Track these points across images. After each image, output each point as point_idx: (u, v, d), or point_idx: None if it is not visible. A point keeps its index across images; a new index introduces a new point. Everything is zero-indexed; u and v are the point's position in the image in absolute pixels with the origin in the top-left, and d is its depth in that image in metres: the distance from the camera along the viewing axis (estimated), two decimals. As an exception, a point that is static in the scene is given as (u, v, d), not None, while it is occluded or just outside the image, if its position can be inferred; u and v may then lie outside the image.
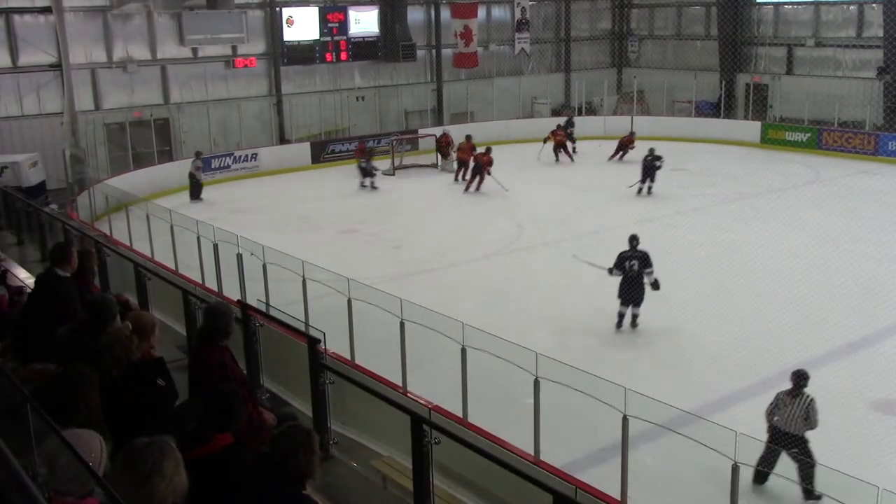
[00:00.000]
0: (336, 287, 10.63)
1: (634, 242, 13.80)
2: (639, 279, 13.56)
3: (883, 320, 13.71)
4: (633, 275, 13.55)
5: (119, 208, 18.22)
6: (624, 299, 13.69)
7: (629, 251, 13.69)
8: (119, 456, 3.37)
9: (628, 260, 13.60)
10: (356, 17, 31.02)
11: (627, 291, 13.63)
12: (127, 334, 5.52)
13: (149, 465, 3.25)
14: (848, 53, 31.40)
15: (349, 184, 26.06)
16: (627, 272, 13.58)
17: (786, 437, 8.62)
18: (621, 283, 13.67)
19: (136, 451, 3.31)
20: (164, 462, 3.29)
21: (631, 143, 28.25)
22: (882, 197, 22.59)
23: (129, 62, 26.52)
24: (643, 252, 13.64)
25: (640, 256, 13.59)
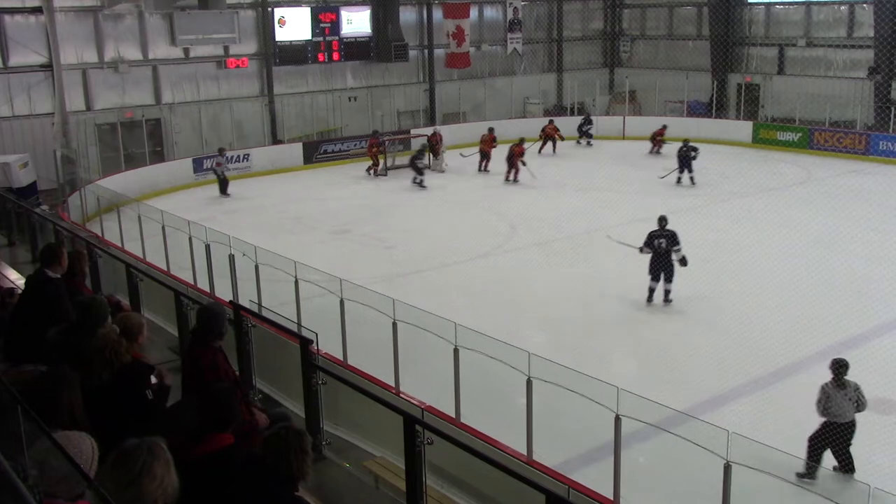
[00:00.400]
0: (328, 288, 10.61)
1: (663, 222, 14.92)
2: (666, 256, 14.57)
3: (874, 319, 13.75)
4: (661, 252, 14.60)
5: (110, 209, 18.18)
6: (654, 275, 14.76)
7: (658, 230, 14.80)
8: (109, 457, 3.35)
9: (657, 238, 14.68)
10: (348, 18, 30.99)
11: (656, 267, 14.73)
12: (115, 337, 5.50)
13: (138, 465, 3.24)
14: (839, 53, 31.50)
15: (342, 184, 26.05)
16: (656, 249, 14.61)
17: (841, 427, 8.71)
18: (651, 259, 14.71)
19: (125, 452, 3.29)
20: (153, 463, 3.27)
21: (661, 135, 29.18)
22: (873, 196, 22.66)
23: (120, 62, 26.45)
24: (671, 231, 14.76)
25: (667, 235, 14.72)
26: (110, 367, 5.28)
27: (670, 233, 14.76)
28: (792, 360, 12.32)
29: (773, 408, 11.01)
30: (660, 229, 14.84)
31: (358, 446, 8.28)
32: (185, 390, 6.49)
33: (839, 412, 8.79)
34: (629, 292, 15.58)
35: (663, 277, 14.73)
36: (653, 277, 14.77)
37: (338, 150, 29.74)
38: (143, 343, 5.99)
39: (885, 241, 17.97)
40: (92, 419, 4.85)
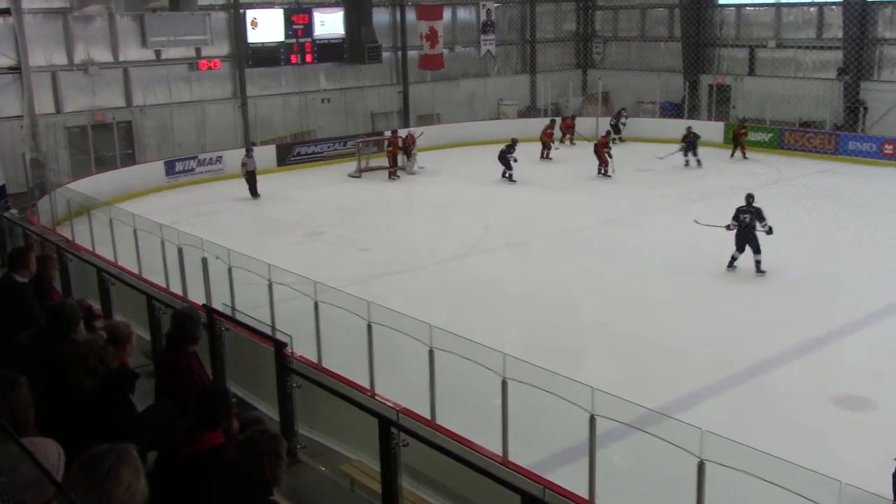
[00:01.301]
0: (303, 290, 10.56)
1: (750, 199, 16.27)
2: (750, 230, 15.93)
3: (844, 317, 13.94)
4: (745, 226, 15.97)
5: (81, 212, 17.98)
6: (739, 247, 16.12)
7: (745, 206, 16.10)
8: (76, 461, 3.31)
9: (742, 213, 16.02)
10: (321, 19, 30.88)
11: (741, 240, 16.10)
12: (102, 344, 5.44)
13: (104, 469, 3.19)
14: (808, 55, 31.84)
15: (316, 186, 25.96)
16: (741, 224, 15.98)
17: None
18: (736, 233, 16.09)
19: (92, 456, 3.25)
20: (121, 468, 3.22)
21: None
22: (842, 195, 22.94)
23: (90, 65, 26.18)
24: (756, 208, 16.07)
25: (753, 211, 16.02)
26: (94, 375, 5.22)
27: (756, 209, 16.01)
28: (763, 359, 12.45)
29: (745, 405, 11.12)
30: (746, 206, 16.09)
31: (333, 449, 8.24)
32: (159, 394, 6.44)
33: None
34: (602, 292, 15.67)
35: (750, 250, 16.00)
36: (738, 248, 16.11)
37: (311, 151, 29.63)
38: (130, 352, 5.93)
39: (854, 239, 18.20)
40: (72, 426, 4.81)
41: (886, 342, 12.88)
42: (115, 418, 4.93)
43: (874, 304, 14.44)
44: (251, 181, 24.29)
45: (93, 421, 4.83)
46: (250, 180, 24.27)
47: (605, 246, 18.60)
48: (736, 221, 16.07)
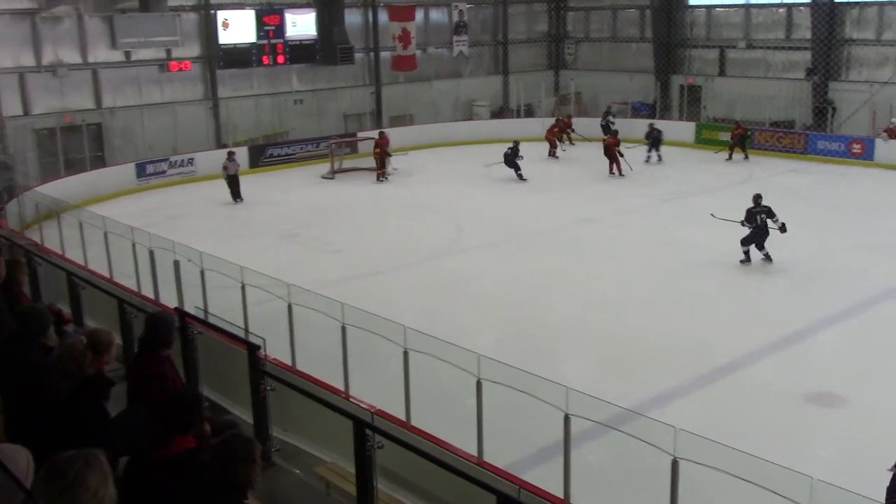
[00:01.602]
0: (276, 292, 10.50)
1: (759, 199, 16.81)
2: (765, 227, 16.51)
3: (814, 315, 14.09)
4: (762, 224, 16.53)
5: (50, 216, 17.78)
6: (756, 243, 16.69)
7: (756, 207, 16.60)
8: (43, 467, 3.27)
9: (757, 213, 16.55)
10: (293, 20, 30.73)
11: (758, 238, 16.63)
12: (80, 349, 5.40)
13: (71, 475, 3.16)
14: (778, 55, 32.17)
15: (289, 188, 25.85)
16: (757, 223, 16.53)
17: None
18: (752, 231, 16.59)
19: (59, 462, 3.21)
20: (88, 473, 3.19)
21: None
22: (811, 194, 23.21)
23: (59, 66, 25.88)
24: (767, 206, 16.63)
25: (765, 210, 16.61)
26: (70, 379, 5.17)
27: (767, 208, 16.58)
28: (735, 357, 12.55)
29: (718, 403, 11.21)
30: (757, 206, 16.59)
31: (308, 452, 8.21)
32: (131, 399, 6.39)
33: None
34: (576, 292, 15.74)
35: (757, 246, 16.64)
36: (757, 246, 16.67)
37: (284, 153, 29.50)
38: (109, 361, 5.86)
39: (824, 238, 18.42)
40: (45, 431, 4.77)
41: (857, 339, 13.05)
42: (88, 424, 4.89)
43: (845, 302, 14.61)
44: (233, 185, 23.95)
45: (66, 427, 4.80)
46: (232, 184, 23.94)
47: (578, 245, 18.69)
48: (751, 222, 16.54)
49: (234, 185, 23.94)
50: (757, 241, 16.62)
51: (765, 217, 16.52)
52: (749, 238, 16.63)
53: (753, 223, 16.53)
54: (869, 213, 20.88)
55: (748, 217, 16.58)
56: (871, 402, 10.88)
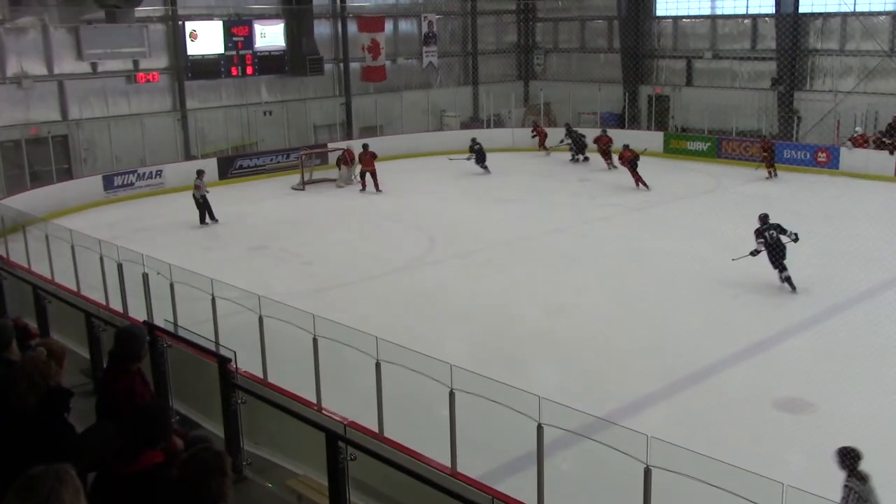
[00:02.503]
0: (246, 304, 10.43)
1: (767, 218, 16.24)
2: (780, 244, 15.82)
3: (781, 322, 14.24)
4: (774, 241, 15.86)
5: (16, 229, 17.53)
6: (779, 266, 15.82)
7: (764, 226, 16.06)
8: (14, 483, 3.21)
9: (767, 231, 15.96)
10: (262, 31, 30.63)
11: (777, 257, 15.86)
12: (44, 359, 5.33)
13: (45, 491, 3.11)
14: (744, 65, 32.58)
15: (258, 199, 25.72)
16: (769, 241, 15.89)
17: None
18: (768, 253, 15.87)
19: (31, 478, 3.16)
20: (61, 489, 3.15)
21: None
22: (778, 203, 23.44)
23: (23, 78, 25.58)
24: (776, 223, 16.04)
25: (774, 226, 16.00)
26: (37, 391, 5.10)
27: (775, 224, 16.01)
28: (706, 364, 12.64)
29: (689, 411, 11.27)
30: (765, 225, 16.05)
31: (280, 465, 8.15)
32: (100, 415, 6.30)
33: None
34: (547, 302, 15.78)
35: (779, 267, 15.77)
36: (779, 268, 15.79)
37: (253, 165, 29.37)
38: (64, 369, 5.81)
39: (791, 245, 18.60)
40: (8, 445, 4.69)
41: (825, 346, 13.19)
42: (51, 438, 4.82)
43: (812, 309, 14.78)
44: (206, 206, 22.57)
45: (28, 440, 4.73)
46: (205, 205, 22.58)
47: (549, 255, 18.75)
48: (764, 243, 15.94)
49: (207, 207, 22.68)
50: (776, 261, 15.80)
51: (775, 234, 15.90)
52: (773, 259, 15.84)
53: (763, 241, 15.95)
54: (834, 220, 21.16)
55: (759, 239, 16.03)
56: (840, 407, 10.98)
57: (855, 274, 16.01)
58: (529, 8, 39.57)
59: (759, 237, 16.04)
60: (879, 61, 28.66)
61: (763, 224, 16.18)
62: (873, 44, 28.67)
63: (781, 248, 15.85)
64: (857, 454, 7.35)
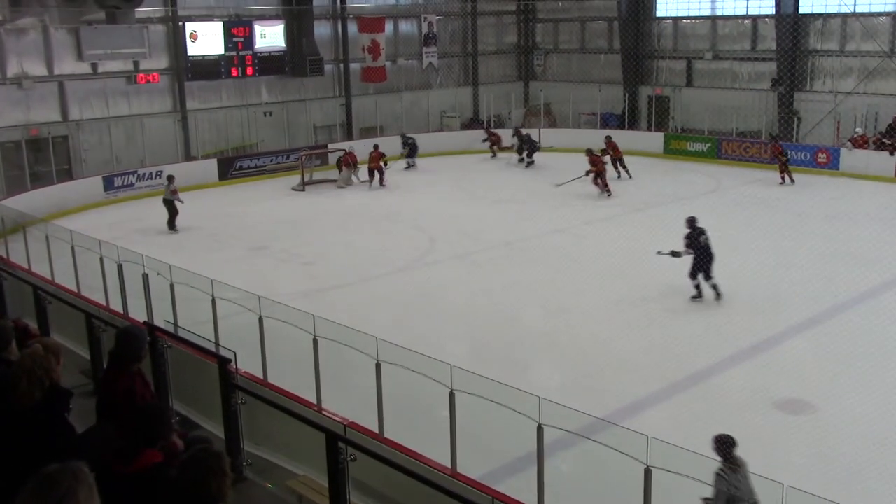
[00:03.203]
0: (247, 305, 10.43)
1: (695, 221, 15.55)
2: (709, 250, 15.24)
3: (782, 323, 14.21)
4: (705, 246, 15.26)
5: (16, 230, 17.54)
6: (705, 272, 15.27)
7: (696, 231, 15.40)
8: (29, 482, 3.23)
9: (700, 236, 15.32)
10: (262, 32, 30.63)
11: (706, 264, 15.26)
12: (43, 354, 5.33)
13: (62, 490, 3.13)
14: (744, 66, 32.58)
15: (258, 200, 25.73)
16: (702, 246, 15.24)
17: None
18: (700, 258, 15.26)
19: (48, 477, 3.18)
20: (78, 488, 3.17)
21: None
22: (778, 203, 23.48)
23: (24, 78, 25.58)
24: (702, 227, 15.48)
25: (705, 230, 15.43)
26: (41, 387, 5.09)
27: (704, 229, 15.48)
28: (706, 365, 12.64)
29: (689, 411, 11.26)
30: (696, 230, 15.46)
31: (280, 466, 8.15)
32: (100, 415, 6.30)
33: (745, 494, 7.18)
34: (547, 302, 15.78)
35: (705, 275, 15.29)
36: (705, 276, 15.31)
37: (253, 165, 29.37)
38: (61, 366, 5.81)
39: (791, 246, 18.62)
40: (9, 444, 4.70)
41: (825, 346, 13.17)
42: (52, 438, 4.82)
43: (813, 310, 14.76)
44: (174, 211, 22.25)
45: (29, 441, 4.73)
46: (172, 210, 22.11)
47: (549, 255, 18.74)
48: (693, 248, 15.34)
49: (176, 212, 22.13)
50: (705, 269, 15.31)
51: (707, 239, 15.36)
52: (698, 266, 15.38)
53: (696, 248, 15.31)
54: (835, 221, 21.17)
55: (690, 244, 15.39)
56: (840, 408, 10.99)
57: (855, 274, 16.02)
58: (529, 9, 39.56)
59: (689, 243, 15.40)
60: (879, 62, 28.67)
61: (692, 228, 15.55)
62: (873, 44, 28.69)
63: (711, 255, 15.34)
64: (731, 441, 7.45)
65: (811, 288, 15.71)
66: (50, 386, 5.18)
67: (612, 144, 27.39)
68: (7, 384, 5.11)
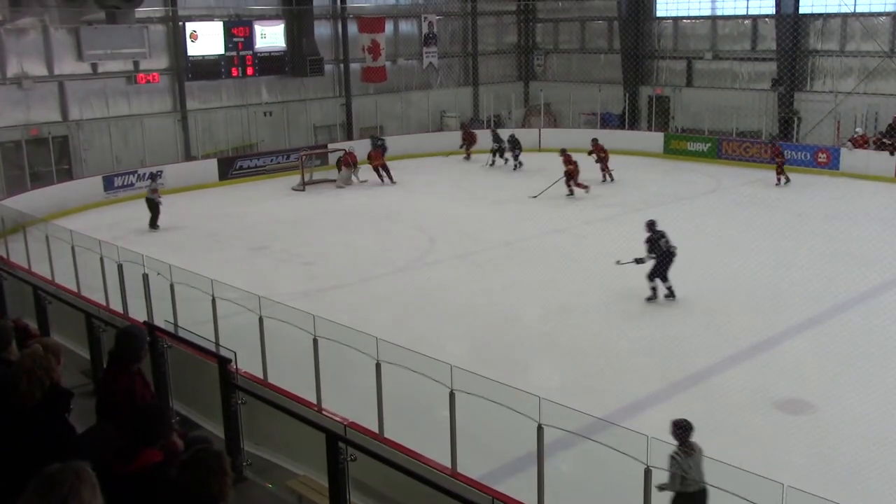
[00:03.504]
0: (247, 305, 10.43)
1: (654, 224, 15.48)
2: (669, 252, 15.15)
3: (782, 323, 14.21)
4: (666, 250, 15.16)
5: (16, 230, 17.54)
6: (662, 274, 15.21)
7: (656, 234, 15.31)
8: (32, 482, 3.23)
9: (661, 239, 15.23)
10: (262, 32, 30.62)
11: (665, 267, 15.20)
12: (43, 354, 5.33)
13: (65, 489, 3.13)
14: (744, 66, 32.58)
15: (258, 200, 25.73)
16: (664, 250, 15.16)
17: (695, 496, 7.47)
18: (661, 261, 15.18)
19: (51, 476, 3.18)
20: (81, 487, 3.17)
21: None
22: (778, 203, 23.47)
23: (24, 78, 25.58)
24: (662, 230, 15.42)
25: (665, 233, 15.37)
26: (41, 386, 5.09)
27: (663, 231, 15.43)
28: (706, 365, 12.64)
29: (689, 411, 11.23)
30: (656, 233, 15.39)
31: (280, 466, 8.15)
32: (100, 415, 6.31)
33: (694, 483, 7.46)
34: (547, 302, 15.78)
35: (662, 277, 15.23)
36: (662, 278, 15.29)
37: (254, 165, 29.37)
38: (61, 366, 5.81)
39: (792, 246, 18.62)
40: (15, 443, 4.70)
41: (825, 346, 13.17)
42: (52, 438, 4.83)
43: (813, 310, 14.75)
44: (156, 211, 22.34)
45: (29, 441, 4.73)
46: (155, 209, 22.40)
47: (549, 255, 18.73)
48: (655, 252, 15.23)
49: (157, 212, 22.39)
50: (663, 272, 15.25)
51: (667, 241, 15.26)
52: (657, 270, 15.27)
53: (657, 251, 15.21)
54: (835, 221, 21.17)
55: (651, 248, 15.29)
56: (840, 408, 10.99)
57: (855, 274, 16.02)
58: (529, 9, 39.55)
59: (651, 247, 15.29)
60: (879, 62, 28.67)
61: (652, 231, 15.45)
62: (873, 44, 28.68)
63: (672, 258, 15.25)
64: (688, 426, 7.73)
65: (811, 288, 15.71)
66: (50, 386, 5.18)
67: (599, 147, 26.81)
68: (7, 384, 5.11)
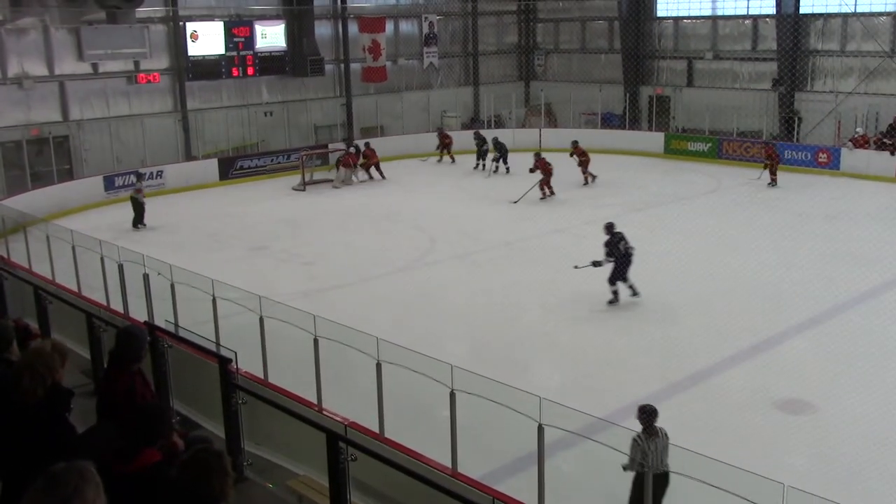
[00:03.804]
0: (247, 305, 10.44)
1: (613, 227, 15.39)
2: (628, 255, 15.13)
3: (783, 323, 14.21)
4: (625, 252, 15.12)
5: (17, 230, 17.55)
6: (623, 276, 15.22)
7: (615, 237, 15.20)
8: (36, 481, 3.24)
9: (620, 242, 15.16)
10: (262, 32, 30.62)
11: (624, 269, 15.21)
12: (48, 351, 5.33)
13: (69, 489, 3.14)
14: (744, 66, 32.58)
15: (259, 200, 25.73)
16: (623, 253, 15.12)
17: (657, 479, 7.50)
18: (620, 264, 15.15)
19: (55, 476, 3.19)
20: (84, 487, 3.18)
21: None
22: (779, 203, 23.47)
23: (24, 78, 25.58)
24: (621, 232, 15.33)
25: (624, 235, 15.28)
26: (43, 384, 5.09)
27: (622, 234, 15.36)
28: (706, 365, 12.64)
29: (689, 411, 11.26)
30: (616, 235, 15.28)
31: (280, 465, 8.16)
32: (101, 415, 6.31)
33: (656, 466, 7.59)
34: (547, 302, 15.78)
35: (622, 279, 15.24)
36: (623, 279, 15.29)
37: (254, 165, 29.38)
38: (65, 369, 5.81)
39: (792, 246, 18.62)
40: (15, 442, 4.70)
41: (826, 347, 13.18)
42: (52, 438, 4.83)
43: (813, 310, 14.75)
44: (142, 210, 22.56)
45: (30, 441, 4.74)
46: (142, 209, 22.55)
47: (549, 255, 18.73)
48: (613, 255, 15.18)
49: (142, 210, 22.60)
50: (623, 274, 15.25)
51: (626, 244, 15.21)
52: (617, 273, 15.26)
53: (616, 254, 15.16)
54: (835, 221, 21.17)
55: (610, 251, 15.21)
56: (840, 408, 10.99)
57: (855, 274, 16.02)
58: (530, 9, 39.55)
59: (610, 250, 15.21)
60: (880, 62, 28.67)
61: (611, 234, 15.35)
62: (874, 44, 28.68)
63: (630, 260, 15.26)
64: (652, 411, 7.86)
65: (811, 288, 15.71)
66: (51, 385, 5.19)
67: (579, 150, 26.66)
68: (9, 382, 5.12)
